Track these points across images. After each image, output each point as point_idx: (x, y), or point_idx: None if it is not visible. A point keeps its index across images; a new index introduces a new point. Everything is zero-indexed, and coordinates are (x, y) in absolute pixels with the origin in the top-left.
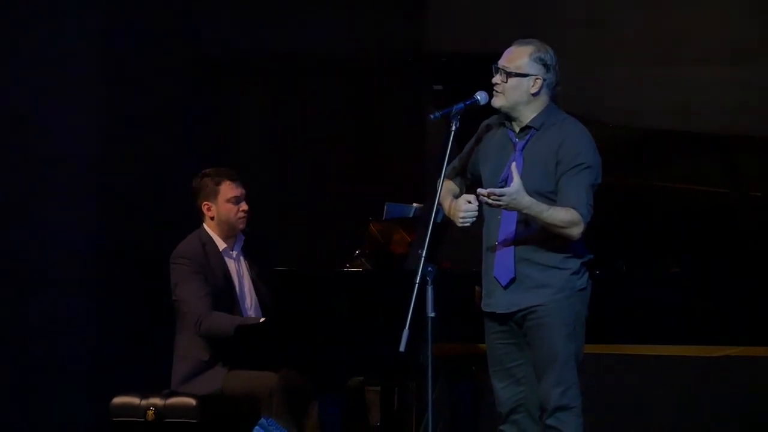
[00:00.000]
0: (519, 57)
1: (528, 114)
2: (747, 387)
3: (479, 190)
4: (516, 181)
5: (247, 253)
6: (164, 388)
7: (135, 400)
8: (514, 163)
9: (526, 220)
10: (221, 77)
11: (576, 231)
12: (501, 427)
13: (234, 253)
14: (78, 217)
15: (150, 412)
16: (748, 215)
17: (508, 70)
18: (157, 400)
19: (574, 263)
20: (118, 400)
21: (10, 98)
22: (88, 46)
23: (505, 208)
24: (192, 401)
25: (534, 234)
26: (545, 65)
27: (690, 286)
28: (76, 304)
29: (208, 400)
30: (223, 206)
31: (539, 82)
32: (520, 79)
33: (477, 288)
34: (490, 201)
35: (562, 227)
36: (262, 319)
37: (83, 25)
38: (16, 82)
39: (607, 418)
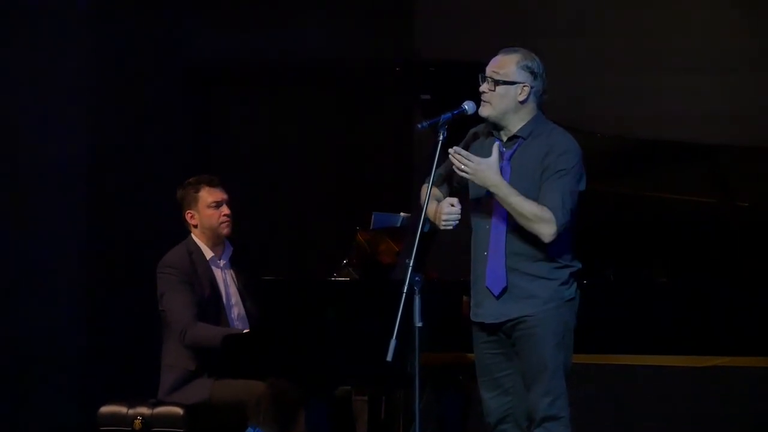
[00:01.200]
0: (506, 65)
1: (516, 123)
2: (735, 397)
3: (451, 149)
4: (493, 157)
5: (235, 263)
6: (151, 398)
7: (122, 410)
8: (497, 143)
9: (516, 230)
10: (209, 86)
11: (546, 229)
12: None
13: (221, 263)
14: (66, 226)
15: (137, 422)
16: (736, 225)
17: (495, 78)
18: (144, 410)
19: (563, 273)
20: (105, 409)
21: None
22: (77, 54)
23: (472, 178)
24: (179, 411)
25: (523, 244)
26: (532, 73)
27: (678, 296)
28: (63, 313)
29: (195, 410)
30: (204, 212)
31: (527, 89)
32: (507, 87)
33: (465, 298)
34: (455, 160)
35: (530, 220)
36: (246, 331)
37: (72, 33)
38: (4, 90)
39: (595, 429)
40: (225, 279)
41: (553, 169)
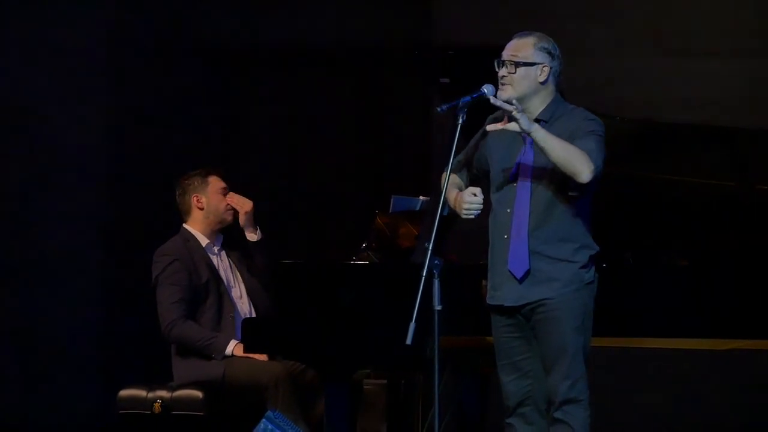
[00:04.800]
0: (524, 47)
1: (537, 106)
2: (754, 380)
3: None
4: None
5: (230, 248)
6: (170, 381)
7: (142, 393)
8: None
9: (538, 213)
10: (228, 69)
11: (585, 168)
12: (508, 420)
13: (216, 249)
14: (86, 208)
15: (157, 405)
16: (755, 209)
17: (515, 61)
18: (163, 393)
19: (583, 256)
20: (125, 392)
21: (17, 90)
22: (95, 37)
23: (518, 120)
24: (198, 394)
25: (545, 227)
26: (550, 53)
27: (697, 280)
28: (83, 296)
29: (214, 393)
30: (213, 197)
31: (546, 70)
32: (528, 69)
33: (484, 281)
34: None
35: (570, 155)
36: (230, 345)
37: (90, 15)
38: (23, 72)
39: (614, 411)
40: (222, 264)
41: (582, 130)
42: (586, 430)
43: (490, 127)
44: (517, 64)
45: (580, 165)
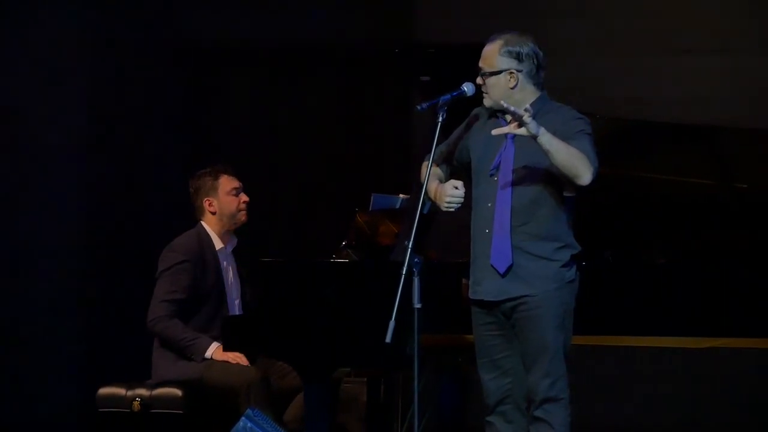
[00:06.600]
0: (490, 55)
1: (519, 106)
2: (733, 378)
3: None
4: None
5: (237, 254)
6: (149, 379)
7: (121, 391)
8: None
9: (519, 209)
10: (208, 68)
11: (587, 171)
12: (488, 419)
13: (228, 251)
14: (64, 210)
15: (136, 403)
16: (734, 207)
17: (483, 71)
18: (143, 391)
19: (565, 255)
20: (104, 390)
21: None
22: (74, 37)
23: (527, 124)
24: (178, 392)
25: (527, 223)
26: (517, 56)
27: (676, 278)
28: (62, 294)
29: (193, 392)
30: (225, 199)
31: (515, 74)
32: (496, 77)
33: (464, 280)
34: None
35: (574, 157)
36: (210, 348)
37: (68, 16)
38: (2, 74)
39: (594, 410)
40: (228, 268)
41: (572, 131)
42: (567, 429)
43: (495, 131)
44: (484, 75)
45: (582, 168)
